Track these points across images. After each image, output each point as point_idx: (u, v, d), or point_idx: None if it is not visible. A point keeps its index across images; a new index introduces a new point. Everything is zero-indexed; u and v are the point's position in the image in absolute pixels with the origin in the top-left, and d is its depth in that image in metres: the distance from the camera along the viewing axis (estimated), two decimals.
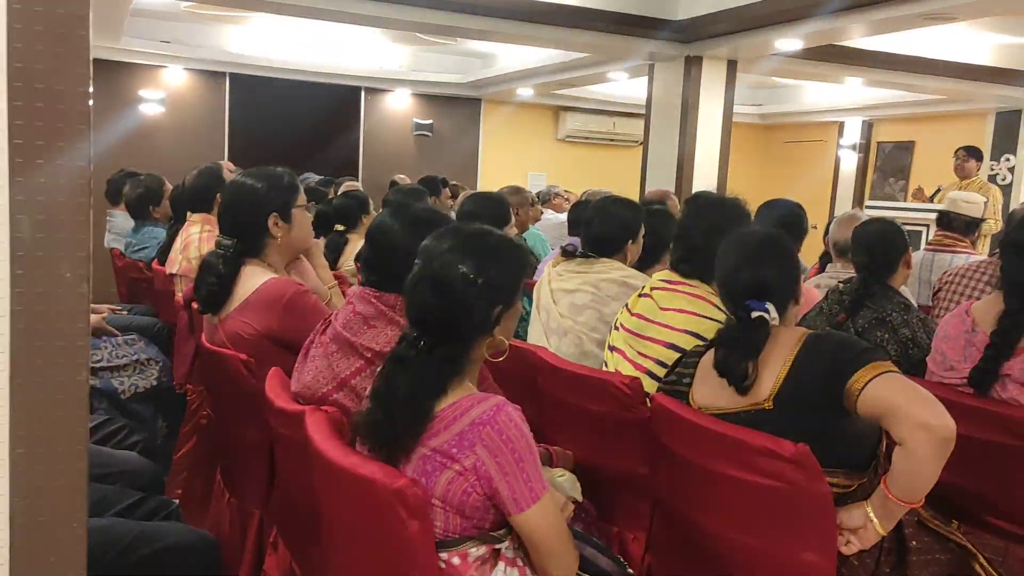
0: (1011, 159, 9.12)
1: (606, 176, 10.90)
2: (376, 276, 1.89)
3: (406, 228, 1.88)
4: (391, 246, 1.87)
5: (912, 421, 1.58)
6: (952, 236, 4.23)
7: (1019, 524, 2.11)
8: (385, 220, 1.93)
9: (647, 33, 6.38)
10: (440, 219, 1.92)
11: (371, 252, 1.92)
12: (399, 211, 1.95)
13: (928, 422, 1.57)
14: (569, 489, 2.08)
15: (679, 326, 2.27)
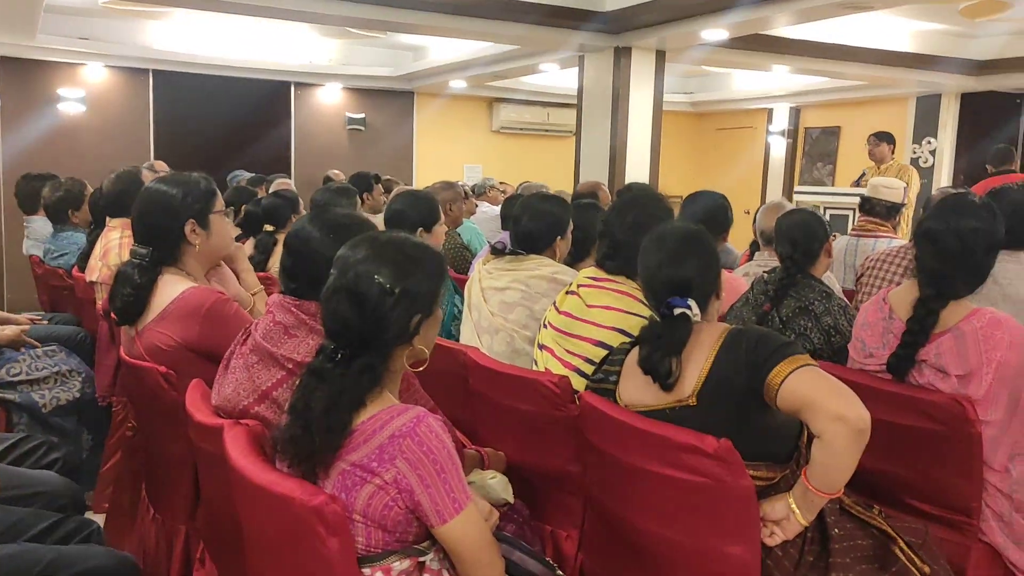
0: (932, 142, 9.40)
1: (542, 166, 10.93)
2: (296, 284, 1.85)
3: (325, 235, 1.84)
4: (310, 253, 1.84)
5: (828, 414, 1.61)
6: (874, 221, 4.33)
7: (937, 505, 2.17)
8: (303, 227, 1.89)
9: (576, 25, 6.40)
10: (360, 224, 1.89)
11: (290, 260, 1.88)
12: (318, 217, 1.91)
13: (843, 414, 1.60)
14: (501, 491, 2.07)
15: (606, 323, 2.28)
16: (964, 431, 2.06)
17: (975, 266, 2.18)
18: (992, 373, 2.07)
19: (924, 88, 9.06)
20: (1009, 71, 8.12)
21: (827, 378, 1.68)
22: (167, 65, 9.00)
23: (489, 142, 11.37)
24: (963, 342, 2.11)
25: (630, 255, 2.31)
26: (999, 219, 2.21)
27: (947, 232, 2.17)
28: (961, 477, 2.11)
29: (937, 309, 2.16)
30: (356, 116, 10.35)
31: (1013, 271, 2.82)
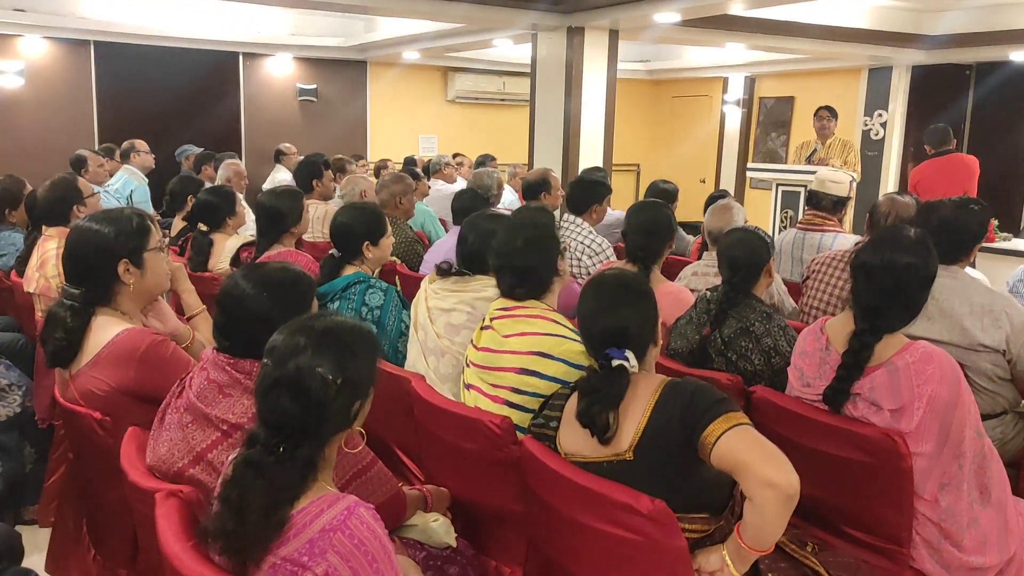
0: (883, 114, 9.49)
1: (498, 136, 10.87)
2: (230, 343, 1.82)
3: (259, 293, 1.82)
4: (244, 313, 1.81)
5: (758, 479, 1.63)
6: (821, 215, 4.38)
7: (870, 533, 2.23)
8: (236, 284, 1.86)
9: (527, 5, 6.32)
10: (294, 281, 1.86)
11: (223, 318, 1.85)
12: (251, 273, 1.88)
13: (773, 481, 1.62)
14: (443, 535, 2.09)
15: (524, 349, 2.27)
16: (895, 465, 2.11)
17: (909, 301, 2.22)
18: (924, 407, 2.12)
19: (876, 61, 9.12)
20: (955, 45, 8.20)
21: (760, 441, 1.70)
22: (109, 36, 8.74)
23: (445, 112, 11.25)
24: (896, 377, 2.15)
25: (533, 278, 2.35)
26: (933, 254, 2.24)
27: (882, 267, 2.20)
28: (892, 507, 2.17)
29: (871, 343, 2.20)
30: (307, 87, 10.16)
31: (949, 286, 2.87)
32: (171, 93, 9.39)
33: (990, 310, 2.81)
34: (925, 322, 2.86)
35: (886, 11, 7.84)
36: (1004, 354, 2.83)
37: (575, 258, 4.42)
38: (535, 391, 2.22)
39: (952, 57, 8.63)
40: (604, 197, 4.63)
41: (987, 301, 2.83)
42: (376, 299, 3.02)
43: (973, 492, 2.21)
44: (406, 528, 2.05)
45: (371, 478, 1.88)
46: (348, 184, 5.50)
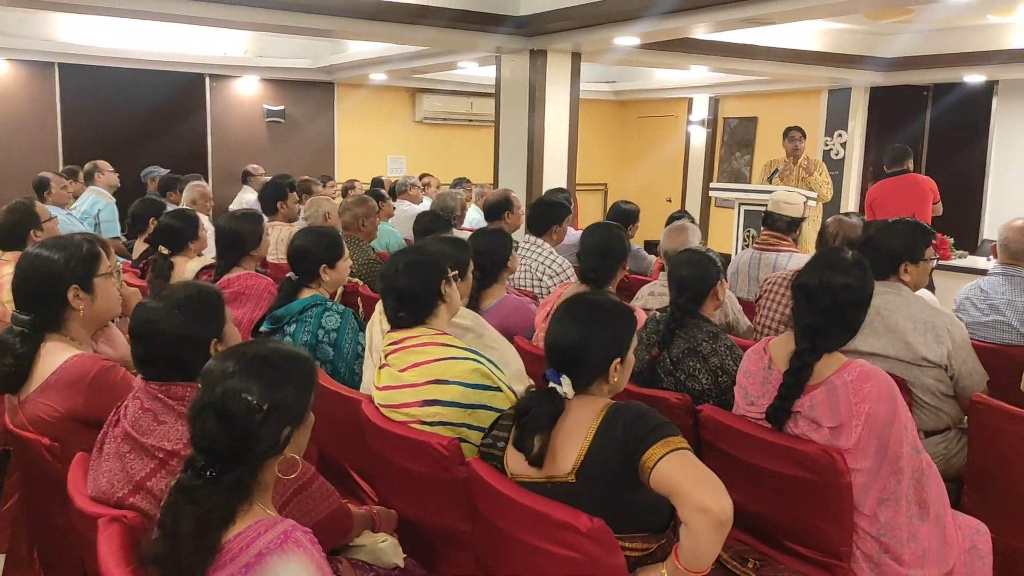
0: (843, 135, 9.68)
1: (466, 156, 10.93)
2: (154, 370, 1.84)
3: (169, 312, 1.84)
4: (158, 336, 1.83)
5: (693, 504, 1.67)
6: (776, 235, 4.47)
7: (812, 548, 2.28)
8: (144, 309, 1.88)
9: (490, 28, 6.41)
10: (201, 292, 1.89)
11: (141, 347, 1.86)
12: (157, 297, 1.91)
13: (707, 506, 1.66)
14: (391, 555, 2.12)
15: (421, 380, 2.28)
16: (834, 481, 2.17)
17: (846, 321, 2.28)
18: (862, 424, 2.18)
19: (835, 83, 9.31)
20: (911, 68, 8.40)
21: (696, 466, 1.73)
22: (74, 58, 8.72)
23: (413, 133, 11.30)
24: (835, 395, 2.21)
25: (413, 301, 2.36)
26: (869, 275, 2.31)
27: (820, 288, 2.27)
28: (832, 523, 2.22)
29: (811, 363, 2.26)
30: (275, 108, 10.18)
31: (893, 303, 2.96)
32: (137, 115, 9.36)
33: (933, 326, 2.89)
34: (872, 337, 2.94)
35: (843, 34, 8.03)
36: (946, 369, 2.91)
37: (536, 278, 4.47)
38: (442, 419, 2.23)
39: (908, 79, 8.83)
40: (564, 218, 4.69)
41: (930, 317, 2.92)
42: (333, 322, 3.04)
43: (912, 507, 2.27)
44: (354, 549, 2.07)
45: (312, 493, 1.90)
46: (312, 206, 5.52)
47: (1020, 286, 3.50)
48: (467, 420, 2.24)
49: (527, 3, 6.25)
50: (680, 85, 10.96)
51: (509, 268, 3.58)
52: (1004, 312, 3.48)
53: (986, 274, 3.76)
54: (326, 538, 1.51)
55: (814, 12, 5.00)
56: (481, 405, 2.25)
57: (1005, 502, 2.70)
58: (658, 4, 5.31)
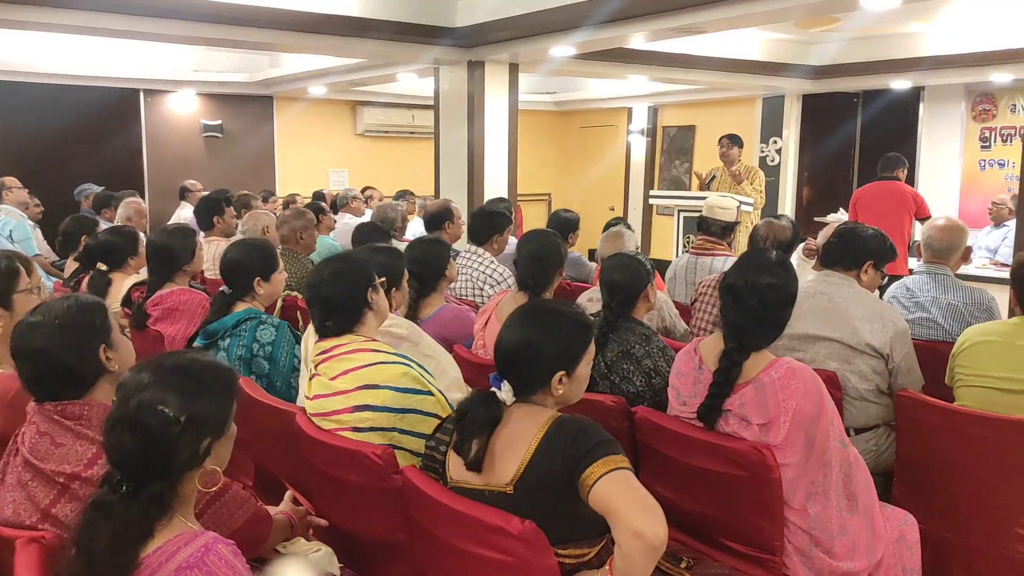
0: (778, 141, 9.89)
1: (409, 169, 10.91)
2: (44, 390, 1.80)
3: (50, 326, 1.80)
4: (41, 353, 1.79)
5: (627, 528, 1.67)
6: (711, 240, 4.55)
7: (745, 544, 2.32)
8: (24, 326, 1.83)
9: (429, 41, 6.43)
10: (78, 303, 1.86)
11: (28, 366, 1.81)
12: (35, 311, 1.87)
13: (641, 532, 1.66)
14: (326, 565, 2.09)
15: (351, 387, 2.27)
16: (764, 476, 2.21)
17: (772, 320, 2.34)
18: (789, 420, 2.22)
19: (768, 91, 9.51)
20: (841, 75, 8.63)
21: (634, 489, 1.72)
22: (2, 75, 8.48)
23: (354, 146, 11.24)
24: (763, 392, 2.26)
25: (339, 310, 2.35)
26: (793, 275, 2.37)
27: (745, 289, 2.31)
28: (764, 518, 2.26)
29: (740, 361, 2.30)
30: (212, 123, 10.04)
31: (846, 292, 3.08)
32: (68, 132, 9.15)
33: (880, 315, 3.01)
34: (820, 320, 3.04)
35: (774, 43, 8.22)
36: (887, 362, 3.00)
37: (477, 287, 4.47)
38: (372, 425, 2.22)
39: (838, 86, 9.07)
40: (505, 227, 4.71)
41: (879, 308, 3.05)
42: (268, 335, 3.01)
43: (841, 500, 2.32)
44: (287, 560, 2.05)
45: (226, 503, 1.87)
46: (250, 220, 5.45)
47: (943, 284, 3.61)
48: (398, 424, 2.23)
49: (464, 15, 6.28)
50: (619, 95, 11.09)
51: (448, 277, 3.58)
52: (929, 309, 3.59)
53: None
54: (245, 546, 1.49)
55: (744, 20, 5.12)
56: (412, 409, 2.24)
57: (933, 493, 2.77)
58: (593, 14, 5.37)
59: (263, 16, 5.76)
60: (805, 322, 3.06)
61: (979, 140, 8.90)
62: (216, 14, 5.66)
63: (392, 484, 2.12)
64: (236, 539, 1.49)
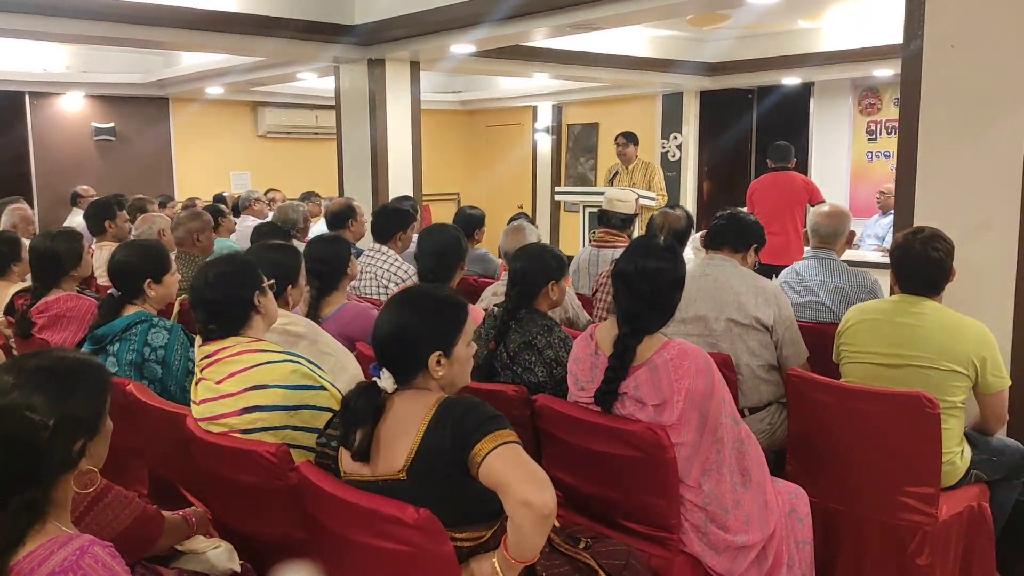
0: (678, 137, 10.13)
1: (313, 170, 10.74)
2: None
3: None
4: None
5: (517, 498, 1.69)
6: (612, 232, 4.63)
7: (643, 523, 2.37)
8: None
9: (328, 39, 6.36)
10: None
11: None
12: None
13: (529, 500, 1.68)
14: (226, 561, 2.05)
15: (239, 389, 2.22)
16: (659, 456, 2.26)
17: (662, 304, 2.39)
18: (683, 400, 2.28)
19: (668, 87, 9.74)
20: (736, 72, 8.91)
21: (522, 461, 1.75)
22: None
23: (256, 147, 11.00)
24: (656, 374, 2.31)
25: (224, 312, 2.30)
26: (681, 260, 2.44)
27: (636, 274, 2.36)
28: (661, 496, 2.31)
29: (633, 345, 2.35)
30: (104, 126, 9.68)
31: (732, 271, 3.23)
32: None
33: (764, 290, 3.16)
34: (708, 301, 3.14)
35: (671, 40, 8.42)
36: (772, 334, 3.11)
37: (382, 286, 4.44)
38: (263, 425, 2.18)
39: (733, 82, 9.35)
40: (408, 225, 4.69)
41: (763, 285, 3.20)
42: (160, 338, 2.91)
43: (735, 476, 2.39)
44: (185, 559, 2.00)
45: (109, 504, 1.81)
46: (144, 223, 5.28)
47: (830, 268, 3.76)
48: (291, 422, 2.20)
49: (362, 12, 6.23)
50: (524, 93, 11.17)
51: (349, 275, 3.54)
52: (818, 292, 3.73)
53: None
54: (135, 547, 1.44)
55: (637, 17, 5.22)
56: (304, 405, 2.21)
57: (823, 467, 2.89)
58: (492, 11, 5.40)
59: (158, 14, 5.60)
60: (695, 304, 3.16)
61: (866, 133, 9.31)
62: (107, 12, 5.47)
63: (288, 482, 2.09)
64: (125, 540, 1.44)
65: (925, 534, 2.68)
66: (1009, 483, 3.00)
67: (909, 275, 2.86)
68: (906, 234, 2.90)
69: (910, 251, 2.83)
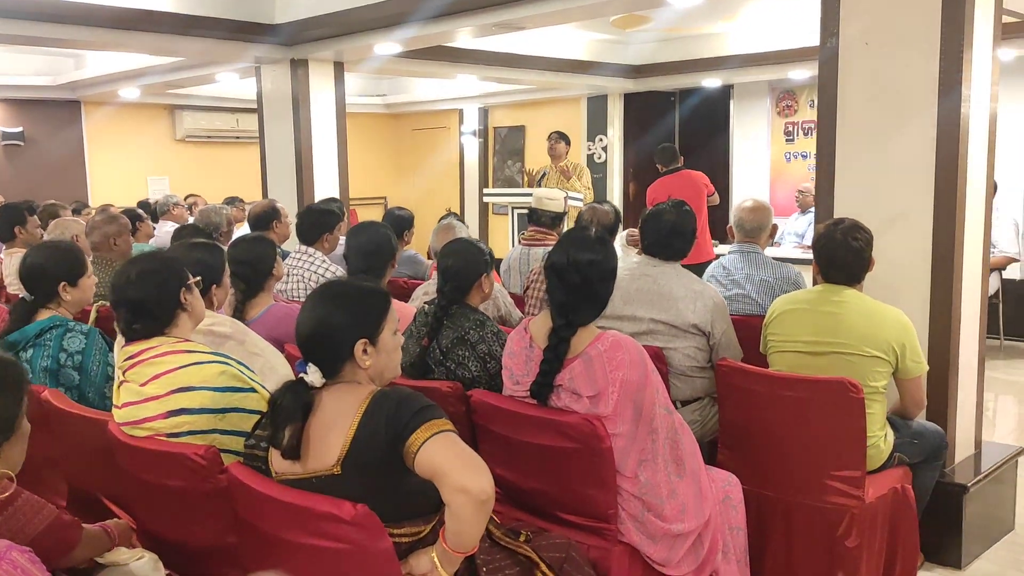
0: (603, 139, 10.23)
1: (235, 175, 10.51)
2: None
3: None
4: None
5: (454, 485, 1.69)
6: (542, 231, 4.64)
7: (581, 515, 2.37)
8: None
9: (249, 38, 6.22)
10: None
11: None
12: None
13: (466, 487, 1.68)
14: (151, 571, 1.98)
15: (164, 391, 2.14)
16: (596, 447, 2.26)
17: (595, 295, 2.40)
18: (617, 391, 2.29)
19: (593, 90, 9.83)
20: (658, 74, 9.05)
21: (457, 448, 1.74)
22: None
23: (174, 152, 10.70)
24: (591, 365, 2.32)
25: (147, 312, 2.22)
26: (612, 251, 2.45)
27: (568, 266, 2.37)
28: (598, 488, 2.32)
29: (567, 337, 2.35)
30: (12, 130, 9.30)
31: (670, 274, 3.21)
32: None
33: (701, 294, 3.15)
34: (648, 306, 3.15)
35: (595, 43, 8.51)
36: (708, 338, 3.14)
37: (309, 288, 4.35)
38: (190, 428, 2.11)
39: (655, 84, 9.50)
40: (335, 225, 4.61)
41: (700, 288, 3.19)
42: (76, 343, 2.80)
43: (670, 465, 2.41)
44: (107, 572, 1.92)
45: (19, 509, 1.71)
46: (57, 228, 5.08)
47: (754, 261, 3.84)
48: (218, 425, 2.13)
49: (283, 11, 6.11)
50: (450, 96, 11.12)
51: (275, 276, 3.46)
52: (744, 286, 3.81)
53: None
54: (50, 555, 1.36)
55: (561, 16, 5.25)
56: (232, 408, 2.15)
57: (753, 455, 2.95)
58: (417, 11, 5.36)
59: (73, 12, 5.38)
60: (632, 304, 3.17)
61: (784, 134, 9.57)
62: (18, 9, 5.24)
63: (218, 485, 2.02)
64: (39, 548, 1.36)
65: (853, 516, 2.75)
66: (929, 465, 3.11)
67: (831, 264, 2.94)
68: (827, 225, 2.98)
69: (831, 240, 2.91)
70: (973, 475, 3.37)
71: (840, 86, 3.47)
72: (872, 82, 3.40)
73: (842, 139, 3.50)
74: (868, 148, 3.44)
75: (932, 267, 3.30)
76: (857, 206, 3.38)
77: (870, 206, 3.38)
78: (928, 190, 3.28)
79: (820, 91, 3.59)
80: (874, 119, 3.41)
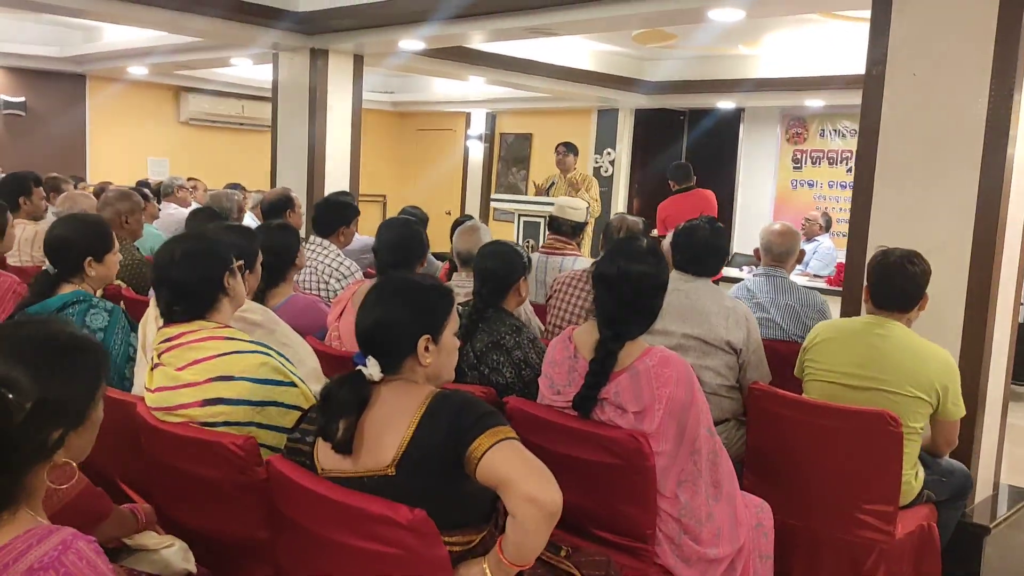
0: (611, 153, 10.22)
1: (238, 162, 10.40)
2: None
3: None
4: None
5: (522, 495, 1.62)
6: (561, 239, 4.59)
7: (618, 533, 2.31)
8: None
9: (268, 23, 6.12)
10: None
11: None
12: None
13: (536, 497, 1.61)
14: (180, 561, 1.90)
15: (202, 378, 2.06)
16: (639, 464, 2.20)
17: (646, 308, 2.34)
18: (663, 408, 2.23)
19: (603, 103, 9.81)
20: (675, 93, 9.04)
21: (524, 457, 1.68)
22: None
23: (177, 134, 10.58)
24: (637, 380, 2.25)
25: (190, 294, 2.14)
26: (663, 263, 2.39)
27: (619, 277, 2.30)
28: (637, 506, 2.25)
29: (615, 350, 2.29)
30: (14, 100, 9.15)
31: (703, 290, 3.12)
32: None
33: (734, 311, 3.08)
34: (680, 321, 3.08)
35: (612, 56, 8.48)
36: (739, 356, 3.08)
37: (323, 281, 4.27)
38: (227, 419, 2.02)
39: (669, 103, 9.50)
40: (352, 219, 4.53)
41: (733, 305, 3.12)
42: (99, 321, 2.71)
43: (708, 487, 2.35)
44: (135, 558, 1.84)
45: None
46: (66, 202, 4.96)
47: (781, 286, 3.80)
48: (256, 418, 2.04)
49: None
50: (458, 99, 11.09)
51: (297, 265, 3.40)
52: (769, 310, 3.76)
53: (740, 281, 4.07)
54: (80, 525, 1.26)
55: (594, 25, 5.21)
56: (272, 402, 2.06)
57: (780, 482, 2.88)
58: (444, 8, 5.30)
59: None
60: (664, 318, 3.11)
61: (792, 161, 9.58)
62: None
63: (254, 478, 1.94)
64: (70, 516, 1.28)
65: (882, 551, 2.70)
66: (954, 504, 3.07)
67: (883, 287, 2.87)
68: (882, 250, 2.94)
69: (886, 264, 2.86)
70: (992, 516, 3.33)
71: (884, 114, 3.44)
72: (917, 113, 3.37)
73: (882, 168, 3.47)
74: (908, 179, 3.40)
75: (966, 306, 3.26)
76: (892, 238, 3.34)
77: (906, 239, 3.33)
78: (967, 228, 3.25)
79: (862, 118, 3.55)
80: (916, 151, 3.38)
